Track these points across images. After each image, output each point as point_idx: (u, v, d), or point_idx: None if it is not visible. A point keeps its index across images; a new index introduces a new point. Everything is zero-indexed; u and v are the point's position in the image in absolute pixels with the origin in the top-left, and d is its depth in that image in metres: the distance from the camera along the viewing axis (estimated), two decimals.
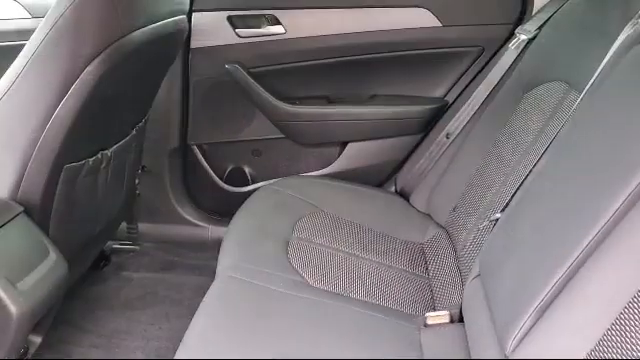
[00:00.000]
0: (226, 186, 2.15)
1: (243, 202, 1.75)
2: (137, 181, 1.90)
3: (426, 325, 1.31)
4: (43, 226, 1.30)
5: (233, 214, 1.70)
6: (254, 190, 1.88)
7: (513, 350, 0.97)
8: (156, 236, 2.14)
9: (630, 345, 0.78)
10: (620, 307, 0.81)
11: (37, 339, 1.32)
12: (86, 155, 1.38)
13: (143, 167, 1.96)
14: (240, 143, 2.13)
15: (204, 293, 1.30)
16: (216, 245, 1.58)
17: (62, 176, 1.32)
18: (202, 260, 2.06)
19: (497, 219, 1.29)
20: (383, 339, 1.26)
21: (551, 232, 1.01)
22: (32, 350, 1.32)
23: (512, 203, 1.27)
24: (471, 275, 1.30)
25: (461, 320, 1.31)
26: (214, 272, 1.42)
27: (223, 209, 2.09)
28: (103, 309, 1.85)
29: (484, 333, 1.11)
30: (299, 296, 1.33)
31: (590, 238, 0.90)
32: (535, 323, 0.95)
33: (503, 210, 1.29)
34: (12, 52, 1.28)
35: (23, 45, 1.23)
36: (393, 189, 2.05)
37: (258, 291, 1.32)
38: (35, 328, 1.28)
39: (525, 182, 1.27)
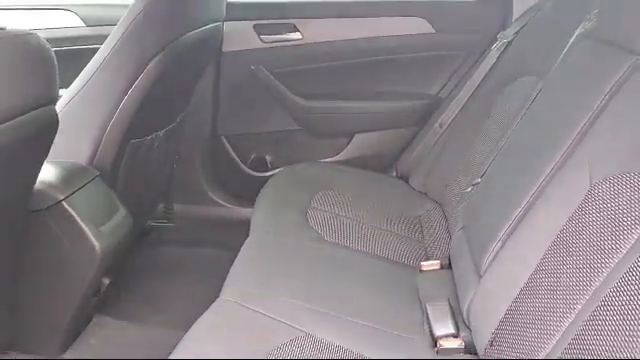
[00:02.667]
0: (250, 171, 2.36)
1: (264, 186, 1.95)
2: (174, 166, 2.18)
3: (421, 271, 1.57)
4: (112, 188, 1.59)
5: (255, 196, 1.89)
6: (273, 175, 2.10)
7: (484, 272, 1.27)
8: (188, 215, 2.34)
9: (559, 267, 1.04)
10: (553, 237, 1.08)
11: (106, 281, 1.61)
12: (145, 134, 1.68)
13: (177, 155, 2.20)
14: (262, 134, 2.35)
15: (231, 264, 1.47)
16: (240, 223, 1.80)
17: (127, 149, 1.62)
18: (228, 237, 2.16)
19: (478, 183, 1.59)
20: (386, 280, 1.51)
21: (512, 184, 1.32)
22: (102, 289, 1.60)
23: (489, 169, 1.57)
24: (457, 228, 1.59)
25: (450, 267, 1.54)
26: (240, 247, 1.58)
27: (246, 192, 2.24)
28: (144, 276, 2.06)
29: (466, 271, 1.39)
30: (318, 247, 1.59)
31: (537, 186, 1.21)
32: (499, 250, 1.26)
33: (482, 175, 1.58)
34: (69, 56, 1.51)
35: (78, 50, 1.50)
36: (394, 174, 2.25)
37: (285, 242, 1.59)
38: (104, 272, 1.57)
39: (499, 153, 1.57)
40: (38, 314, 1.49)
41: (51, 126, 1.12)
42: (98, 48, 1.60)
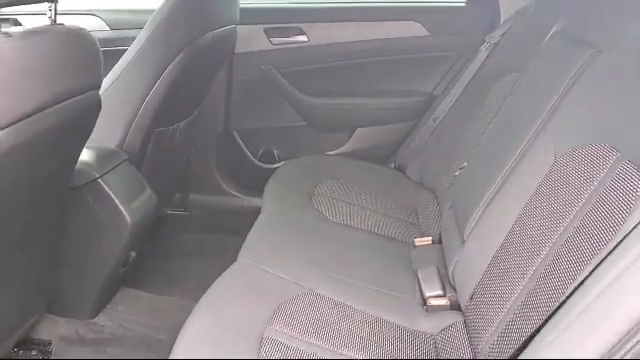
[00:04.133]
0: (259, 164, 2.51)
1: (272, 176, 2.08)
2: (191, 157, 2.36)
3: (415, 246, 1.75)
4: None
5: (264, 187, 2.01)
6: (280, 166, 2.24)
7: (467, 238, 1.46)
8: (202, 204, 2.49)
9: (524, 230, 1.21)
10: (523, 204, 1.25)
11: (133, 254, 1.79)
12: (168, 123, 1.87)
13: (193, 149, 2.38)
14: (271, 129, 2.49)
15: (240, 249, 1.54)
16: (250, 212, 1.92)
17: (153, 137, 1.81)
18: (239, 224, 2.26)
19: (464, 166, 1.77)
20: (383, 253, 1.69)
21: (492, 162, 1.51)
22: (129, 261, 1.79)
23: (474, 153, 1.75)
24: (446, 207, 1.77)
25: (440, 243, 1.71)
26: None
27: (256, 183, 2.32)
28: (163, 257, 2.22)
29: (452, 240, 1.58)
30: (322, 224, 1.77)
31: (512, 161, 1.40)
32: (480, 216, 1.44)
33: (469, 160, 1.77)
34: None
35: (104, 51, 1.61)
36: (393, 165, 2.40)
37: (292, 219, 1.76)
38: (132, 246, 1.75)
39: (483, 139, 1.76)
40: (73, 281, 1.67)
41: (95, 109, 1.31)
42: (122, 49, 1.78)
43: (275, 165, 2.48)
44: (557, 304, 0.93)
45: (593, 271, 0.80)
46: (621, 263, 0.72)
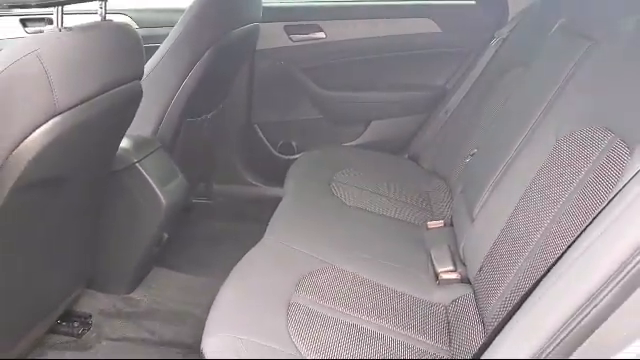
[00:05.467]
0: (279, 155, 2.62)
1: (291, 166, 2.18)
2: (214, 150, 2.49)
3: (427, 229, 1.87)
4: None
5: (283, 177, 2.11)
6: (299, 157, 2.34)
7: (475, 217, 1.58)
8: (226, 194, 2.60)
9: (526, 210, 1.33)
10: (525, 186, 1.37)
11: (165, 235, 1.92)
12: (197, 115, 2.01)
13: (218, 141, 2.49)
14: (290, 122, 2.60)
15: (262, 235, 1.62)
16: (270, 200, 1.99)
17: (183, 127, 1.94)
18: (260, 212, 2.31)
19: (474, 153, 1.89)
20: (398, 234, 1.81)
21: (499, 147, 1.63)
22: (162, 242, 1.92)
23: (483, 141, 1.87)
24: (457, 191, 1.89)
25: (452, 225, 1.82)
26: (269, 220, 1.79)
27: (276, 173, 2.40)
28: (189, 243, 2.31)
29: (463, 220, 1.70)
30: (340, 208, 1.89)
31: (517, 145, 1.52)
32: (488, 197, 1.56)
33: (478, 147, 1.89)
34: None
35: None
36: (406, 155, 2.50)
37: (312, 203, 1.88)
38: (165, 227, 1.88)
39: (491, 127, 1.87)
40: (112, 259, 1.81)
41: (137, 97, 1.45)
42: (150, 47, 1.88)
43: (294, 156, 2.57)
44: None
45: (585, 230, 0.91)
46: (614, 213, 0.83)
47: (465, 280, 1.56)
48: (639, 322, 0.78)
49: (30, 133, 1.05)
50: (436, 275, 1.60)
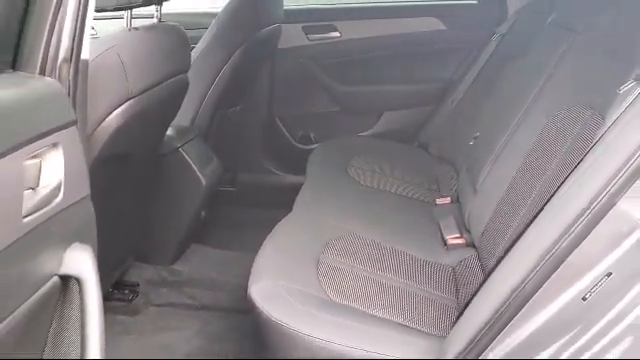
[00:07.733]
0: (298, 145, 2.81)
1: (308, 157, 2.33)
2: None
3: (436, 205, 2.09)
4: None
5: (303, 166, 2.27)
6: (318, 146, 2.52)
7: (478, 188, 1.80)
8: (249, 182, 2.76)
9: (520, 181, 1.56)
10: (521, 160, 1.58)
11: (203, 213, 2.14)
12: (228, 107, 2.24)
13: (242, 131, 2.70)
14: (308, 114, 2.79)
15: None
16: (291, 188, 2.16)
17: (216, 117, 2.17)
18: (281, 199, 2.35)
19: (477, 136, 2.11)
20: (409, 209, 2.03)
21: (498, 127, 1.85)
22: (200, 219, 2.14)
23: (484, 124, 2.09)
24: (463, 171, 2.11)
25: (458, 202, 2.04)
26: (291, 207, 1.87)
27: (295, 162, 2.59)
28: (218, 227, 2.47)
29: (467, 193, 1.92)
30: (356, 187, 2.10)
31: (513, 125, 1.74)
32: (489, 171, 1.79)
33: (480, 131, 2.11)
34: None
35: None
36: (416, 144, 2.68)
37: (332, 184, 2.10)
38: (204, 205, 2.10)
39: (491, 113, 2.09)
40: (157, 233, 2.04)
41: (185, 87, 1.68)
42: None
43: (312, 146, 2.73)
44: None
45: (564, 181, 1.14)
46: (584, 166, 1.06)
47: (470, 245, 1.78)
48: (604, 246, 1.00)
49: (110, 112, 1.28)
50: (444, 241, 1.82)
